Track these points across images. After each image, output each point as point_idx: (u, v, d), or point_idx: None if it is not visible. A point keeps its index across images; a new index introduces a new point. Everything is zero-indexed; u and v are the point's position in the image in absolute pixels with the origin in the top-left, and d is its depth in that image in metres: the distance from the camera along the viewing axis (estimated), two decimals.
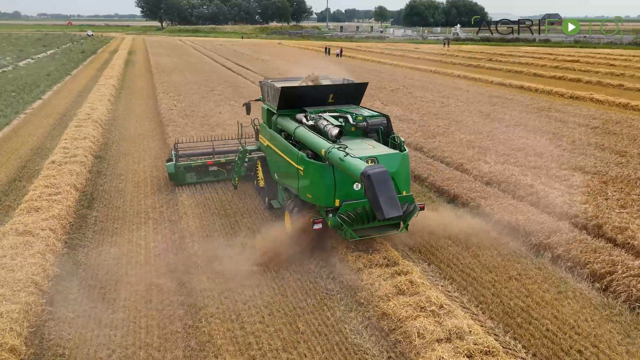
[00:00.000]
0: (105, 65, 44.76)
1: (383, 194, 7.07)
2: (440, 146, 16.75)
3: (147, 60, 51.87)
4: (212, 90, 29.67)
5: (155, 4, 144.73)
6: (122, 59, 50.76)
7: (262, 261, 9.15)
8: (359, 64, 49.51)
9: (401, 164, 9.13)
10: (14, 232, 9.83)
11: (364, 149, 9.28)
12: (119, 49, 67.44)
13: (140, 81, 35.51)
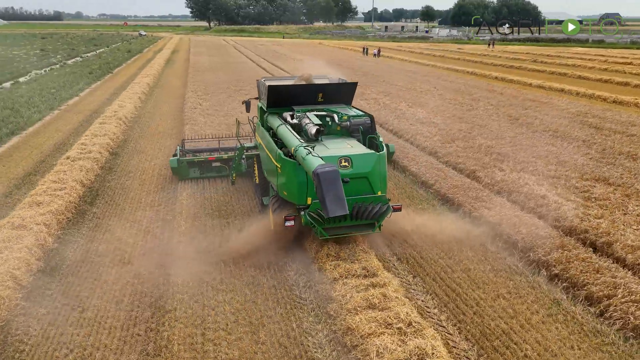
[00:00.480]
0: (147, 64, 46.19)
1: (330, 192, 7.12)
2: (456, 151, 16.04)
3: (187, 59, 53.15)
4: (240, 90, 29.90)
5: (204, 4, 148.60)
6: (163, 58, 52.27)
7: (238, 256, 9.29)
8: (395, 64, 48.66)
9: (376, 164, 9.04)
10: (10, 226, 10.14)
11: (341, 148, 9.32)
12: (164, 48, 69.57)
13: (174, 80, 36.35)
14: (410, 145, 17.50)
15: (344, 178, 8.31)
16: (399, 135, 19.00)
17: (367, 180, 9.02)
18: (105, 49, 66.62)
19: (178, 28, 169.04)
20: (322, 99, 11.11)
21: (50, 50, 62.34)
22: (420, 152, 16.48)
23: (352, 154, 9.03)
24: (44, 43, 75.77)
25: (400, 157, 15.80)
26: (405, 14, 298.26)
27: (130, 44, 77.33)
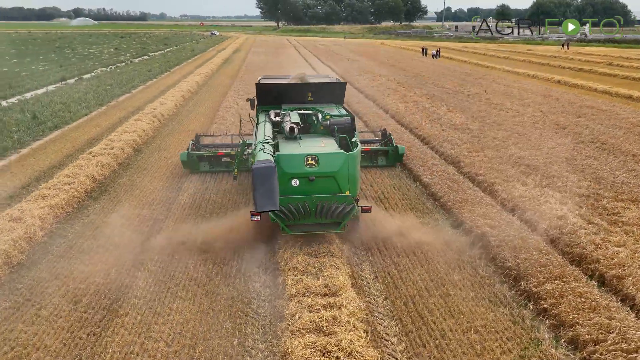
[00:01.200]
0: (205, 63, 47.65)
1: (261, 187, 7.25)
2: (481, 162, 14.84)
3: (244, 58, 54.30)
4: None
5: (274, 4, 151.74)
6: (222, 58, 53.76)
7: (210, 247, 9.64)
8: (452, 65, 46.69)
9: (344, 164, 9.07)
10: (7, 218, 10.59)
11: (311, 147, 9.47)
12: (227, 47, 71.67)
13: (225, 79, 37.14)
14: (432, 153, 16.48)
15: (310, 176, 8.84)
16: (425, 142, 17.98)
17: (334, 179, 9.08)
18: (173, 48, 69.74)
19: (249, 28, 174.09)
20: (311, 98, 11.45)
21: (124, 49, 66.28)
22: (441, 161, 15.45)
23: (319, 152, 9.11)
24: (121, 42, 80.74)
25: (417, 165, 14.90)
26: (480, 13, 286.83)
27: (198, 43, 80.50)
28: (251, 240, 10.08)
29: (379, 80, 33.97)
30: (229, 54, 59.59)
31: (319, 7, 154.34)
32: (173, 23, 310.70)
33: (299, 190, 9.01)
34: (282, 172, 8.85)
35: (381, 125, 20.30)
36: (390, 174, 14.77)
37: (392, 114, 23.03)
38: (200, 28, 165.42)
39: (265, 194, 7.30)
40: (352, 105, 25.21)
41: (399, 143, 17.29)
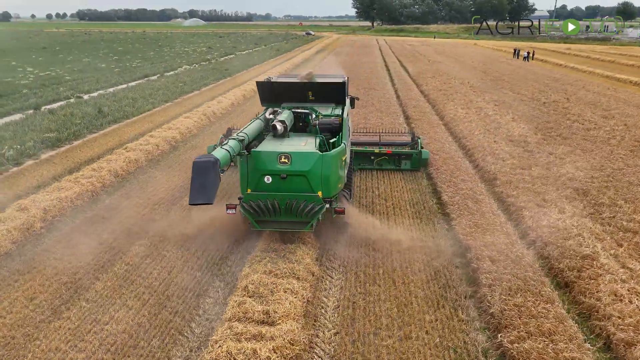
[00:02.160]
0: (283, 62, 48.36)
1: (197, 181, 7.29)
2: (520, 181, 13.01)
3: (322, 59, 54.28)
4: None
5: (369, 4, 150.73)
6: (302, 58, 54.23)
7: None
8: (541, 69, 42.59)
9: (316, 164, 9.03)
10: (17, 207, 11.19)
11: (290, 145, 9.47)
12: (313, 47, 72.35)
13: None
14: (469, 167, 14.84)
15: (281, 174, 8.95)
16: (468, 154, 16.29)
17: (305, 178, 9.07)
18: (262, 47, 71.94)
19: (343, 28, 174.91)
20: (312, 97, 11.33)
21: (216, 47, 69.67)
22: (474, 177, 13.82)
23: (293, 151, 9.10)
24: (217, 41, 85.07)
25: (444, 179, 13.46)
26: (601, 12, 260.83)
27: (287, 43, 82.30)
28: (225, 251, 9.73)
29: (451, 84, 31.87)
30: (311, 54, 59.99)
31: (416, 7, 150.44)
32: (274, 23, 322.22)
33: (271, 187, 9.12)
34: (255, 169, 9.07)
35: (427, 132, 18.88)
36: (411, 187, 13.52)
37: (447, 120, 21.32)
38: (297, 28, 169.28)
39: (200, 188, 7.29)
40: (408, 108, 23.84)
41: (438, 153, 15.95)
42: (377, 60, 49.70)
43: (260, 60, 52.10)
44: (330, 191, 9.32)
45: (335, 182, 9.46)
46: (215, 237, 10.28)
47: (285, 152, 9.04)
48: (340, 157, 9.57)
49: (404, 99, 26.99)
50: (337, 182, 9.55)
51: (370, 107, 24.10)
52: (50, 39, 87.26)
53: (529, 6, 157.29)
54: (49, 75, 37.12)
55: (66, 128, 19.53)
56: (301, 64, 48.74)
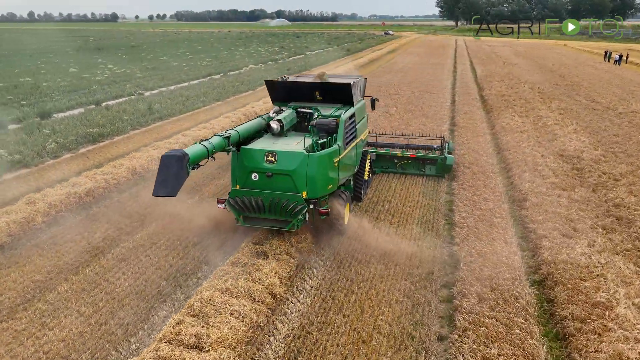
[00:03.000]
0: (346, 63, 47.64)
1: (162, 174, 7.45)
2: (552, 204, 11.36)
3: (391, 59, 52.78)
4: (395, 94, 27.95)
5: (454, 3, 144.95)
6: (369, 58, 53.07)
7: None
8: (632, 74, 38.02)
9: (301, 164, 9.03)
10: (25, 201, 11.66)
11: (280, 144, 9.53)
12: (385, 47, 70.75)
13: None
14: (500, 183, 13.27)
15: (266, 172, 9.08)
16: (505, 168, 14.65)
17: (290, 177, 9.11)
18: (333, 47, 71.62)
19: (425, 27, 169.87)
20: (320, 97, 11.23)
21: (289, 48, 70.51)
22: (501, 196, 12.30)
23: (280, 150, 9.19)
24: (291, 41, 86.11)
25: (464, 197, 12.13)
26: None
27: (360, 42, 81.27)
28: (202, 260, 9.43)
29: (517, 88, 29.33)
30: (381, 54, 58.63)
31: (505, 5, 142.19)
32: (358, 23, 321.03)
33: (258, 184, 9.27)
34: (243, 166, 9.30)
35: (468, 141, 17.35)
36: (426, 203, 12.31)
37: (497, 129, 19.48)
38: (376, 28, 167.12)
39: (164, 181, 7.44)
40: (458, 115, 22.18)
41: (470, 166, 14.57)
42: (447, 62, 47.32)
43: (326, 60, 51.68)
44: (316, 192, 9.26)
45: (323, 183, 9.36)
46: (202, 242, 10.10)
47: (272, 150, 9.17)
48: (330, 159, 9.46)
49: (459, 104, 25.22)
50: (325, 184, 9.43)
51: (416, 112, 22.75)
52: (141, 39, 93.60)
53: (635, 4, 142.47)
54: (124, 72, 39.50)
55: (112, 124, 20.41)
56: (366, 64, 47.76)
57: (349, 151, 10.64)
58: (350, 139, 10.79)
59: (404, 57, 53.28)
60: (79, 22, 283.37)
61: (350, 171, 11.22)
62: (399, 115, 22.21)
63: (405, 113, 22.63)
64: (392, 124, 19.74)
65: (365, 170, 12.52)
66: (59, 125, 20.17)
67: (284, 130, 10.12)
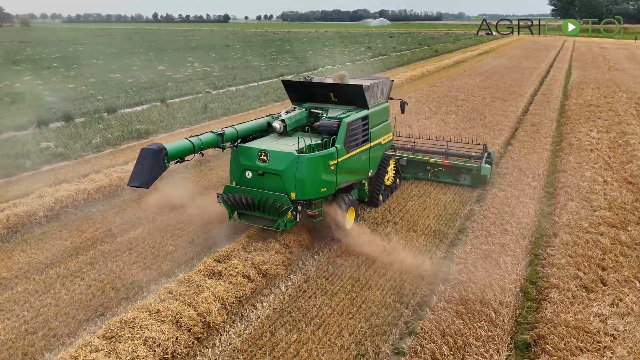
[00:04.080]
0: (429, 65, 45.28)
1: (138, 166, 7.85)
2: (588, 246, 9.31)
3: (479, 61, 49.20)
4: (464, 100, 25.69)
5: (570, 1, 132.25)
6: (455, 60, 50.04)
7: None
8: None
9: (291, 165, 9.07)
10: (38, 194, 12.15)
11: (276, 144, 9.65)
12: (478, 48, 66.34)
13: (421, 84, 34.41)
14: (534, 213, 11.20)
15: (258, 171, 9.31)
16: (550, 195, 12.49)
17: (280, 177, 9.20)
18: (421, 49, 68.85)
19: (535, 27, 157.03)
20: (334, 98, 11.11)
21: (376, 48, 69.04)
22: (525, 229, 10.32)
23: (272, 149, 9.29)
24: (382, 42, 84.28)
25: (479, 226, 10.48)
26: None
27: (454, 43, 77.11)
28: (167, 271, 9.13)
29: (611, 98, 25.49)
30: (470, 56, 54.94)
31: (631, 2, 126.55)
32: (462, 23, 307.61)
33: (250, 182, 9.49)
34: (238, 163, 9.61)
35: (522, 157, 15.22)
36: (436, 229, 10.76)
37: (563, 145, 16.86)
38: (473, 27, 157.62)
39: (139, 172, 7.81)
40: (524, 126, 19.69)
41: (506, 188, 12.67)
42: (540, 66, 42.86)
43: (407, 61, 49.67)
44: (305, 194, 9.23)
45: (314, 185, 9.28)
46: (179, 251, 9.84)
47: (265, 149, 9.29)
48: (323, 161, 9.36)
49: (530, 114, 22.48)
50: (316, 186, 9.33)
51: (477, 121, 20.60)
52: (239, 38, 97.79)
53: None
54: (204, 70, 41.17)
55: (163, 121, 21.06)
56: (448, 66, 45.01)
57: (355, 154, 10.45)
58: (358, 142, 10.58)
59: (494, 60, 49.40)
60: (195, 22, 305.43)
61: (359, 175, 11.01)
62: (455, 123, 20.25)
63: (463, 121, 20.60)
64: (441, 133, 17.96)
65: (386, 175, 12.10)
66: (115, 121, 21.28)
67: (287, 130, 10.16)
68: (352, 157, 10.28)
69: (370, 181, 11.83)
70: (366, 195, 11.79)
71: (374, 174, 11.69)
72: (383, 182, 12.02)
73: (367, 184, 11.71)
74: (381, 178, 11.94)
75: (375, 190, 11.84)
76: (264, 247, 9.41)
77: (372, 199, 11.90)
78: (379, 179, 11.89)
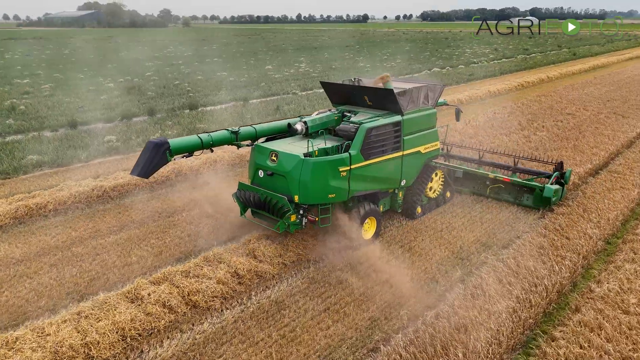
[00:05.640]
0: (556, 72, 39.68)
1: (141, 157, 8.33)
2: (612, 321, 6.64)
3: (621, 67, 41.69)
4: (570, 114, 21.65)
5: None
6: (592, 65, 43.14)
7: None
8: None
9: (295, 167, 9.01)
10: (58, 188, 12.77)
11: (289, 145, 9.65)
12: (630, 52, 56.56)
13: (549, 91, 30.03)
14: (569, 272, 8.46)
15: (267, 171, 9.41)
16: (609, 252, 9.43)
17: (285, 179, 9.18)
18: (562, 50, 60.97)
19: None
20: (370, 102, 10.81)
21: (506, 50, 63.02)
22: (544, 291, 7.79)
23: (282, 150, 9.30)
24: (519, 42, 76.83)
25: (502, 274, 8.14)
26: None
27: (602, 46, 66.82)
28: None
29: None
30: (613, 61, 47.01)
31: None
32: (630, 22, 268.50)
33: (262, 181, 9.64)
34: (253, 162, 9.88)
35: (603, 191, 12.12)
36: (450, 264, 8.73)
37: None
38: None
39: (140, 163, 8.28)
40: (629, 153, 15.68)
41: (560, 238, 10.01)
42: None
43: (526, 66, 44.14)
44: (309, 198, 9.10)
45: (319, 190, 9.07)
46: (144, 260, 9.57)
47: (276, 150, 9.34)
48: (332, 166, 9.10)
49: None
50: (322, 191, 9.11)
51: (570, 140, 17.27)
52: (364, 39, 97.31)
53: None
54: (305, 71, 41.30)
55: (226, 120, 21.25)
56: (580, 71, 38.94)
57: (379, 162, 9.98)
58: (386, 149, 10.13)
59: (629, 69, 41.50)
60: (334, 22, 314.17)
61: (385, 184, 10.58)
62: (539, 142, 17.06)
63: (552, 140, 17.28)
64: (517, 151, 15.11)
65: (427, 186, 11.52)
66: (185, 119, 22.03)
67: (310, 131, 9.98)
68: (373, 165, 9.85)
69: (408, 192, 11.30)
70: (399, 206, 11.34)
71: (409, 184, 11.13)
72: (423, 194, 11.44)
73: (400, 194, 11.23)
74: (421, 189, 11.34)
75: (412, 201, 11.26)
76: (209, 273, 8.48)
77: (407, 210, 11.35)
78: (419, 191, 11.30)
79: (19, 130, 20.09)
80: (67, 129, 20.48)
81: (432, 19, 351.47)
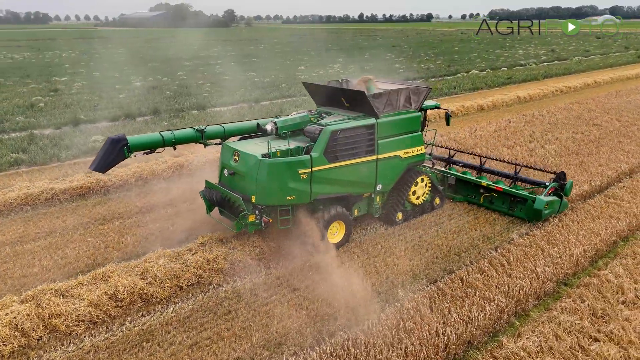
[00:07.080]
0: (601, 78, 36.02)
1: (100, 152, 8.67)
2: None
3: None
4: (595, 125, 19.28)
5: None
6: (636, 73, 38.87)
7: None
8: None
9: (253, 167, 8.95)
10: (66, 181, 12.84)
11: (252, 145, 9.57)
12: None
13: (586, 98, 27.26)
14: None
15: (230, 170, 9.49)
16: None
17: (244, 179, 9.19)
18: (630, 52, 55.58)
19: None
20: (347, 104, 10.52)
21: (566, 51, 58.61)
22: None
23: (243, 150, 9.29)
24: (583, 43, 71.31)
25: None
26: None
27: None
28: None
29: None
30: None
31: None
32: None
33: (226, 180, 9.72)
34: (220, 161, 9.97)
35: (604, 218, 10.45)
36: None
37: None
38: None
39: (97, 158, 8.63)
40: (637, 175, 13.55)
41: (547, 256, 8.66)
42: None
43: (578, 70, 40.49)
44: (265, 199, 9.06)
45: (276, 191, 9.00)
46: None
47: (239, 150, 9.32)
48: (290, 168, 8.96)
49: None
50: (280, 193, 9.02)
51: (581, 155, 15.57)
52: (419, 39, 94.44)
53: None
54: (337, 72, 40.31)
55: (225, 122, 20.85)
56: (622, 79, 35.14)
57: (347, 165, 9.72)
58: (357, 152, 9.85)
59: None
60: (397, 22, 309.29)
61: (355, 188, 10.26)
62: (544, 156, 15.22)
63: (558, 155, 15.51)
64: (520, 161, 13.51)
65: (409, 192, 11.07)
66: (185, 119, 21.90)
67: (279, 132, 9.73)
68: (341, 168, 9.64)
69: (389, 197, 11.00)
70: (376, 211, 10.99)
71: (387, 189, 10.79)
72: (405, 200, 11.08)
73: (378, 199, 10.86)
74: (402, 195, 11.00)
75: (392, 207, 10.94)
76: (85, 293, 7.89)
77: (386, 216, 11.06)
78: (399, 196, 10.97)
79: (24, 127, 20.75)
80: (70, 127, 20.94)
81: (500, 17, 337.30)
